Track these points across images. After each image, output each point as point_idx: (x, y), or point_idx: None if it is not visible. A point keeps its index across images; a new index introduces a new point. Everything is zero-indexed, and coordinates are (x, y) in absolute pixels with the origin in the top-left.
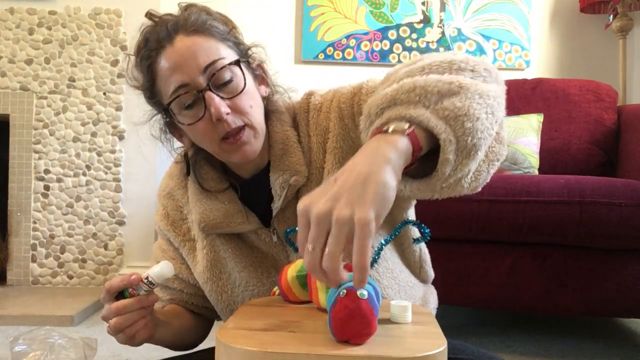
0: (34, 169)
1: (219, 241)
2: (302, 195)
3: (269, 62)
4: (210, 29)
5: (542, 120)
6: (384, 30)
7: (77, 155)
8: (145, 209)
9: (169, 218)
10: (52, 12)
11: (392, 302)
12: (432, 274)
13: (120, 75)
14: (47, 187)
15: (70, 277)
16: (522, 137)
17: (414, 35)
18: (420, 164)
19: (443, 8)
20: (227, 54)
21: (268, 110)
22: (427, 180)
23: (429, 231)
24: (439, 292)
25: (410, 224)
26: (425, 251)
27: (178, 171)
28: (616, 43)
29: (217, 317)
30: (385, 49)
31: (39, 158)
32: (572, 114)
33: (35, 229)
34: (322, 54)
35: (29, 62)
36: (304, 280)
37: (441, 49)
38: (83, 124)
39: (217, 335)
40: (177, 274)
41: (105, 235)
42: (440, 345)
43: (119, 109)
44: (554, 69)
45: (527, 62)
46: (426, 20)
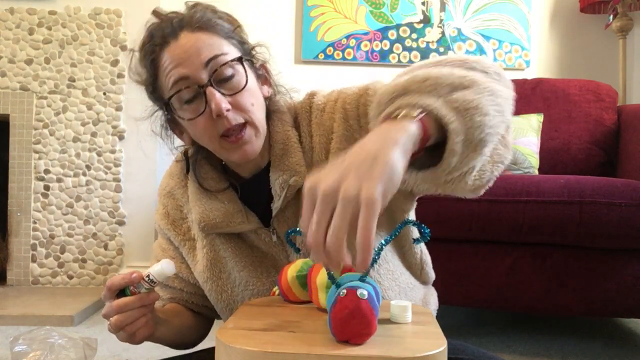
0: (34, 169)
1: (219, 240)
2: (302, 195)
3: (272, 62)
4: (215, 26)
5: (542, 120)
6: (384, 30)
7: (77, 155)
8: (145, 209)
9: (169, 217)
10: (52, 12)
11: (392, 302)
12: (432, 276)
13: (121, 75)
14: (47, 187)
15: (70, 277)
16: (522, 137)
17: (414, 35)
18: (426, 158)
19: (443, 8)
20: (231, 51)
21: (269, 110)
22: (432, 170)
23: (429, 231)
24: (439, 292)
25: (410, 224)
26: (426, 253)
27: (178, 170)
28: (616, 43)
29: (217, 316)
30: (385, 49)
31: (39, 158)
32: (572, 114)
33: (35, 229)
34: (322, 54)
35: (29, 62)
36: (304, 280)
37: (441, 49)
38: (83, 124)
39: (217, 335)
40: (177, 273)
41: (105, 235)
42: (440, 345)
43: (119, 109)
44: (554, 69)
45: (527, 62)
46: (426, 20)
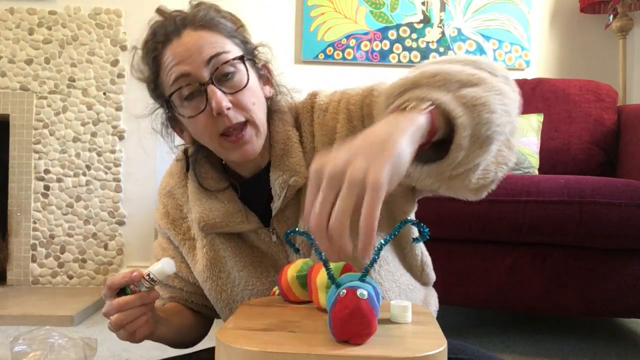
0: (34, 169)
1: (219, 240)
2: (302, 195)
3: (273, 63)
4: (217, 25)
5: (542, 120)
6: (384, 30)
7: (77, 155)
8: (145, 208)
9: (169, 216)
10: (52, 12)
11: (392, 302)
12: (433, 277)
13: (121, 75)
14: (47, 187)
15: (70, 277)
16: (522, 137)
17: (414, 35)
18: (432, 153)
19: (443, 8)
20: (233, 49)
21: (270, 110)
22: (438, 164)
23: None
24: (438, 292)
25: (409, 223)
26: (426, 254)
27: (179, 170)
28: (616, 43)
29: (217, 315)
30: (385, 49)
31: (39, 158)
32: (572, 114)
33: (35, 229)
34: (322, 54)
35: (29, 62)
36: (304, 280)
37: (441, 49)
38: (83, 124)
39: (217, 335)
40: (177, 272)
41: (105, 235)
42: (440, 345)
43: (119, 109)
44: (554, 69)
45: (527, 62)
46: (426, 20)
